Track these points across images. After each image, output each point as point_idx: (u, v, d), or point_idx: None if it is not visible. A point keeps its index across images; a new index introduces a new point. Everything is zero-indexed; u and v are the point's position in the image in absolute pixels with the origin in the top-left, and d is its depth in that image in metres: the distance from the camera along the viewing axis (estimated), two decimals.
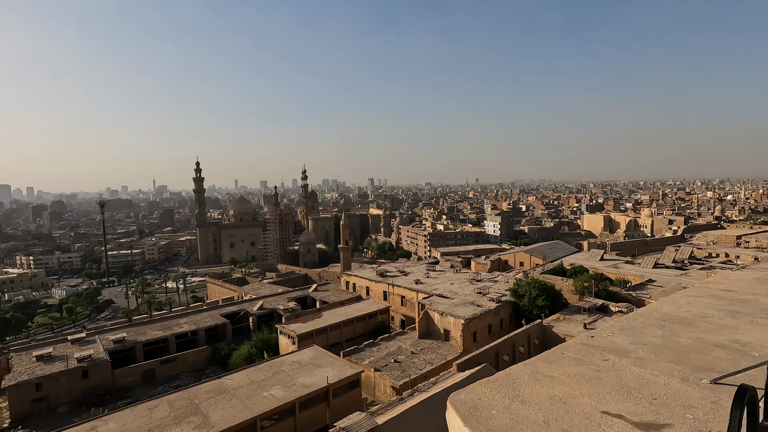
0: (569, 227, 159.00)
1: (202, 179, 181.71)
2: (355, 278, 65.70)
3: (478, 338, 44.10)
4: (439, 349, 43.31)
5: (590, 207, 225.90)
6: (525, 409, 1.78)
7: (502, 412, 1.71)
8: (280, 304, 58.00)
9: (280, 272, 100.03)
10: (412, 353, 42.27)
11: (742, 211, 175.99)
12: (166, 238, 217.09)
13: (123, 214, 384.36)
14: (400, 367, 39.09)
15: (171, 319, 55.12)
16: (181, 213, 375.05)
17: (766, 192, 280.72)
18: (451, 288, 55.52)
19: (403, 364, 39.54)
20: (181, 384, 41.80)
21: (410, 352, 42.52)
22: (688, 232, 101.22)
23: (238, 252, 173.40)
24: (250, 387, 30.69)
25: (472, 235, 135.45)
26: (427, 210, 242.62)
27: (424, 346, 44.07)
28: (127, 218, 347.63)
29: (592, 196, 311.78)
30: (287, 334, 46.54)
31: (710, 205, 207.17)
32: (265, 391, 30.02)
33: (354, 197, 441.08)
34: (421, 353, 42.34)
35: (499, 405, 1.76)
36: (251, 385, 30.95)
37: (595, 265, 64.23)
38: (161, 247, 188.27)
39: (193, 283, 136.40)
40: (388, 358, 40.84)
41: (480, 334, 44.55)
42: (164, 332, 49.48)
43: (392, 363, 39.74)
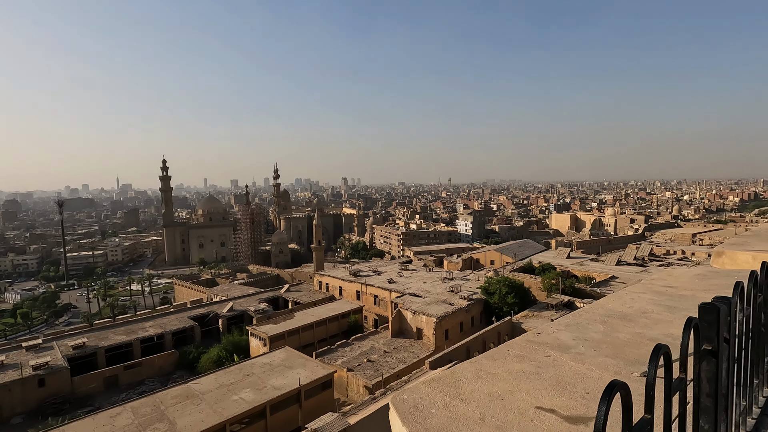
0: (538, 226, 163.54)
1: (169, 177, 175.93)
2: (328, 278, 65.30)
3: (450, 336, 44.72)
4: (412, 347, 43.65)
5: (558, 206, 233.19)
6: (464, 406, 1.82)
7: (441, 411, 1.75)
8: (251, 305, 56.93)
9: (252, 273, 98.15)
10: (385, 352, 42.41)
11: (698, 210, 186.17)
12: (130, 238, 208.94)
13: (84, 213, 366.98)
14: (373, 366, 39.15)
15: (136, 322, 53.12)
16: (147, 212, 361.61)
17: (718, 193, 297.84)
18: (423, 287, 56.04)
19: (376, 364, 39.62)
20: (147, 390, 40.32)
21: (383, 351, 42.66)
22: (649, 230, 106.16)
23: (208, 253, 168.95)
24: (220, 391, 29.99)
25: (445, 234, 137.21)
26: (401, 209, 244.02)
27: (397, 344, 44.31)
28: (88, 218, 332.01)
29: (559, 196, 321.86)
30: (258, 336, 45.76)
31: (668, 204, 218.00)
32: (235, 394, 29.41)
33: (327, 197, 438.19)
34: (394, 352, 42.56)
35: (440, 403, 1.80)
36: (220, 389, 30.25)
37: (562, 263, 66.36)
38: (125, 248, 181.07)
39: (160, 285, 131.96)
40: (361, 357, 40.83)
41: (452, 332, 45.20)
42: (128, 337, 47.63)
43: (365, 362, 39.76)
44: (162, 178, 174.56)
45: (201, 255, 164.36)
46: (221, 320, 53.64)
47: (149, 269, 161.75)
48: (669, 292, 3.90)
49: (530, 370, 2.16)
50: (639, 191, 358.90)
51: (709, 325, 1.56)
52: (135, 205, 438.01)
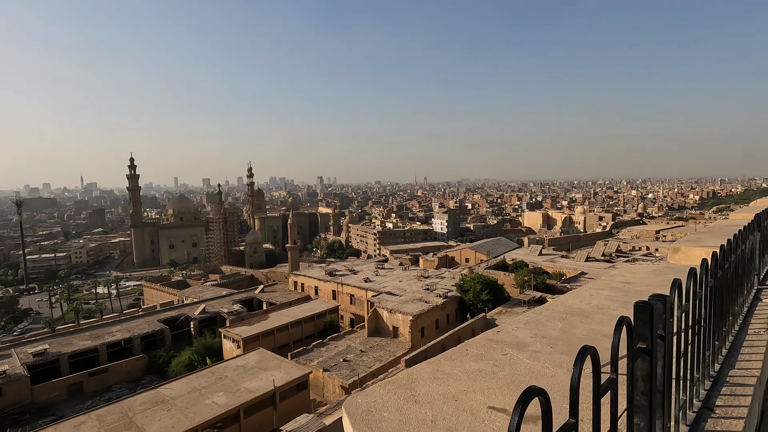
0: (511, 224, 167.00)
1: (137, 176, 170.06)
2: (303, 278, 64.65)
3: (426, 334, 45.11)
4: (388, 346, 43.78)
5: (530, 205, 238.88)
6: (417, 409, 1.81)
7: (393, 414, 1.74)
8: (224, 307, 55.73)
9: (225, 274, 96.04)
10: (361, 351, 42.38)
11: (661, 208, 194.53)
12: (96, 239, 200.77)
13: (45, 214, 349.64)
14: (350, 366, 39.05)
15: (101, 327, 51.10)
16: (114, 213, 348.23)
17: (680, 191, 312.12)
18: (399, 285, 56.28)
19: (352, 363, 39.53)
20: (114, 397, 38.90)
21: (359, 350, 42.61)
22: (616, 227, 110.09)
23: (179, 254, 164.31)
24: (191, 395, 29.23)
25: (421, 233, 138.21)
26: (377, 208, 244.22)
27: (373, 343, 44.35)
28: (50, 218, 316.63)
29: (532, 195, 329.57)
30: (231, 338, 44.86)
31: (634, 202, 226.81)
32: (207, 398, 28.74)
33: (303, 196, 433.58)
34: (371, 351, 42.58)
35: (393, 406, 1.79)
36: (192, 393, 29.49)
37: (534, 260, 68.00)
38: (90, 250, 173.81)
39: (128, 287, 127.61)
40: (337, 357, 40.66)
41: (428, 330, 45.60)
42: (93, 342, 45.75)
43: (341, 362, 39.61)
44: (129, 176, 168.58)
45: (172, 256, 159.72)
46: (193, 323, 52.28)
47: (116, 271, 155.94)
48: (626, 288, 4.05)
49: (486, 370, 2.18)
50: (607, 190, 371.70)
51: (643, 324, 1.60)
52: (101, 204, 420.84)
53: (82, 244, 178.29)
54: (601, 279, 4.62)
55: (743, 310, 3.94)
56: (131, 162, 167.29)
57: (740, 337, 3.46)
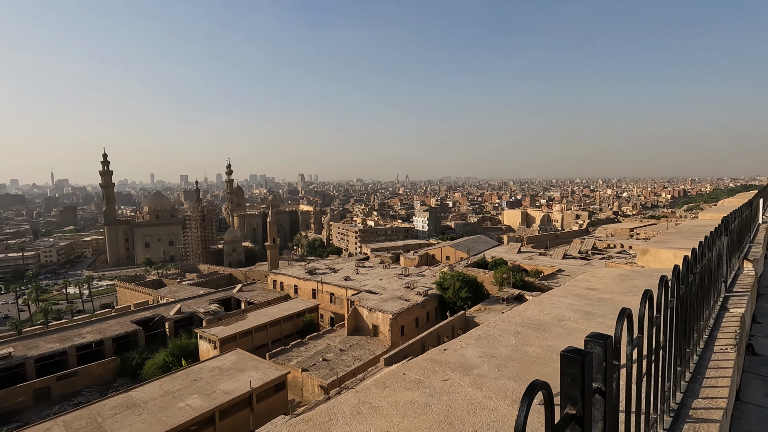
0: (491, 222, 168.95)
1: (110, 172, 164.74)
2: (282, 277, 63.82)
3: (406, 332, 45.12)
4: (368, 344, 43.61)
5: (510, 203, 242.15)
6: None
7: None
8: (201, 306, 54.53)
9: (202, 273, 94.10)
10: (341, 350, 42.08)
11: (635, 206, 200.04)
12: (67, 238, 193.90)
13: (12, 211, 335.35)
14: (329, 365, 38.71)
15: (71, 328, 49.27)
16: (87, 210, 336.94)
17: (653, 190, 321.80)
18: (380, 284, 56.14)
19: (331, 362, 39.20)
20: (84, 401, 37.51)
21: (339, 349, 42.31)
22: (592, 225, 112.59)
23: (155, 252, 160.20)
24: (164, 398, 28.41)
25: (402, 231, 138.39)
26: (359, 206, 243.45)
27: (353, 342, 44.11)
28: (17, 216, 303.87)
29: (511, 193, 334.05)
30: (208, 339, 43.90)
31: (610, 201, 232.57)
32: (181, 401, 27.99)
33: (283, 193, 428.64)
34: (350, 350, 42.33)
35: None
36: (165, 396, 28.67)
37: (513, 258, 68.85)
38: (61, 249, 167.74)
39: (101, 287, 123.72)
40: (317, 357, 40.26)
41: (408, 328, 45.62)
42: (62, 344, 44.06)
43: (320, 362, 39.23)
44: (103, 172, 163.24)
45: (147, 255, 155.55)
46: (168, 323, 50.95)
47: (89, 271, 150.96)
48: (590, 295, 3.93)
49: (420, 401, 1.95)
50: (584, 189, 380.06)
51: (572, 381, 1.20)
52: (73, 202, 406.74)
53: (52, 243, 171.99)
54: (566, 285, 4.50)
55: (709, 323, 3.72)
56: (104, 158, 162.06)
57: (705, 356, 3.18)
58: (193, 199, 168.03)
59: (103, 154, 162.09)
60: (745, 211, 5.95)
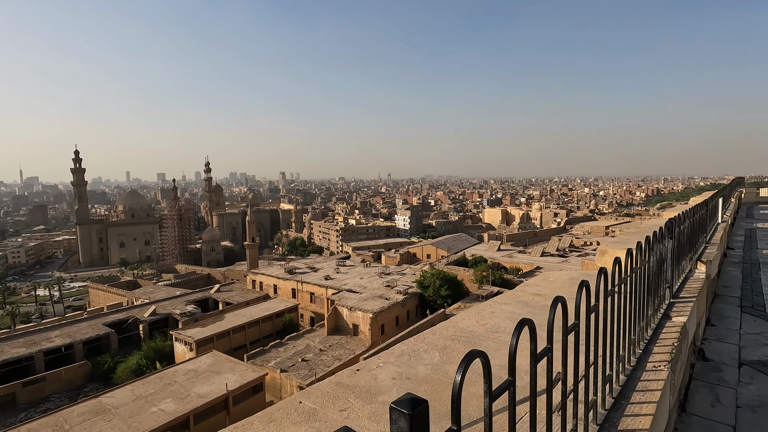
0: (472, 220, 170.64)
1: (82, 170, 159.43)
2: (262, 277, 62.93)
3: (386, 330, 45.08)
4: (348, 344, 43.40)
5: (491, 201, 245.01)
6: None
7: None
8: (177, 308, 53.26)
9: (179, 273, 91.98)
10: (320, 350, 41.76)
11: (611, 204, 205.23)
12: (36, 238, 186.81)
13: None
14: (308, 365, 38.36)
15: (39, 332, 47.39)
16: (58, 209, 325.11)
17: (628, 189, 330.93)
18: (360, 282, 55.94)
19: (310, 363, 38.85)
20: (52, 407, 36.14)
21: (318, 349, 41.97)
22: (569, 223, 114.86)
23: (130, 252, 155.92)
24: (136, 403, 27.59)
25: (384, 229, 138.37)
26: (341, 205, 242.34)
27: (333, 342, 43.84)
28: None
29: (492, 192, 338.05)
30: (183, 341, 42.93)
31: (587, 199, 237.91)
32: (154, 406, 27.23)
33: (264, 191, 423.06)
34: (330, 350, 42.05)
35: None
36: (137, 401, 27.85)
37: (493, 255, 69.59)
38: (30, 249, 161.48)
39: (73, 289, 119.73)
40: (296, 357, 39.83)
41: (388, 327, 45.58)
42: (29, 349, 42.32)
43: (299, 362, 38.84)
44: (74, 170, 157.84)
45: (122, 255, 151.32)
46: (142, 325, 49.57)
47: (60, 272, 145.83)
48: (534, 302, 3.84)
49: None
50: (562, 187, 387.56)
51: None
52: (43, 200, 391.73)
53: (20, 243, 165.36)
54: (514, 290, 4.42)
55: (646, 334, 3.35)
56: (76, 155, 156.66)
57: (635, 374, 2.78)
58: (170, 198, 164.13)
59: (75, 151, 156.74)
60: (700, 211, 5.99)
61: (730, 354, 4.09)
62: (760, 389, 3.58)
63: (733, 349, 4.22)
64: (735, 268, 8.63)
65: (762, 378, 3.73)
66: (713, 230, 8.28)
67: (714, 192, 10.89)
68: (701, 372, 3.81)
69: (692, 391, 3.49)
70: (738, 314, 5.53)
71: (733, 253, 10.21)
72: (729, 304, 6.01)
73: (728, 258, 9.60)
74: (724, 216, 10.33)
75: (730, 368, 3.84)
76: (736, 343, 4.37)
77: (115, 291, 72.42)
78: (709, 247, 6.53)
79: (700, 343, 4.28)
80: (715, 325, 4.95)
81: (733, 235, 13.81)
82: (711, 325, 4.93)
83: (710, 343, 4.42)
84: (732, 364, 3.89)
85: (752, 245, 11.65)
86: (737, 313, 5.60)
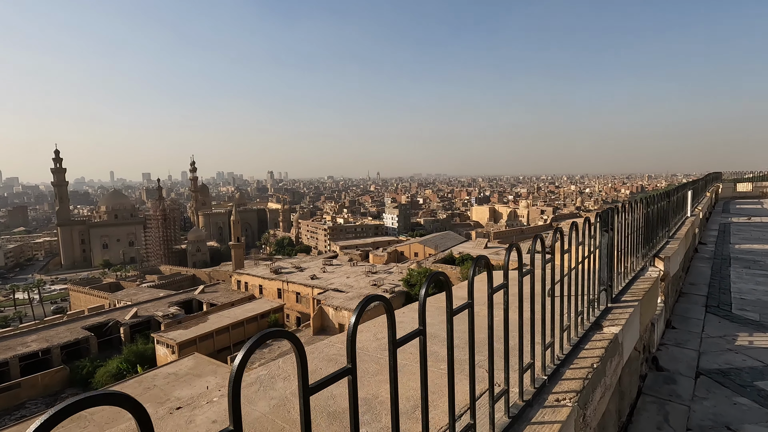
0: (460, 218, 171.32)
1: (63, 170, 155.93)
2: (247, 277, 62.17)
3: None
4: None
5: (479, 199, 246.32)
6: None
7: None
8: (159, 310, 52.28)
9: (164, 274, 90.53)
10: None
11: (597, 201, 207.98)
12: (16, 239, 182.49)
13: None
14: None
15: (14, 337, 46.05)
16: (39, 210, 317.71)
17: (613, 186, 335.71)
18: (347, 282, 55.57)
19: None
20: (27, 414, 35.19)
21: None
22: (555, 220, 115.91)
23: (113, 253, 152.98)
24: (113, 409, 26.73)
25: (372, 228, 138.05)
26: (329, 204, 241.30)
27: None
28: None
29: (480, 190, 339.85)
30: (165, 344, 42.08)
31: (573, 197, 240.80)
32: None
33: (252, 191, 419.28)
34: None
35: None
36: (114, 407, 27.09)
37: (480, 253, 69.43)
38: (9, 251, 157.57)
39: (54, 291, 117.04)
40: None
41: None
42: (3, 354, 41.09)
43: None
44: (54, 170, 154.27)
45: (105, 256, 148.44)
46: (123, 328, 48.54)
47: (41, 274, 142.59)
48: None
49: None
50: (549, 185, 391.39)
51: None
52: (23, 201, 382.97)
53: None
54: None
55: (560, 353, 2.80)
56: (56, 154, 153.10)
57: (526, 414, 2.22)
58: (155, 198, 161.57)
59: (55, 151, 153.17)
60: (659, 203, 5.72)
61: (687, 362, 3.80)
62: (716, 405, 3.24)
63: (692, 355, 3.94)
64: (705, 264, 8.51)
65: (719, 392, 3.41)
66: (680, 224, 8.07)
67: (682, 184, 10.75)
68: (652, 385, 3.50)
69: (639, 409, 3.17)
70: (702, 314, 5.29)
71: (706, 248, 10.14)
72: (694, 304, 5.81)
73: (699, 254, 9.50)
74: (695, 210, 10.14)
75: (685, 379, 3.51)
76: (695, 349, 4.10)
77: (96, 293, 70.87)
78: (671, 242, 6.29)
79: (656, 350, 4.02)
80: (676, 328, 4.71)
81: (707, 230, 13.80)
82: (672, 327, 4.69)
83: (668, 349, 4.15)
84: (688, 374, 3.57)
85: (725, 240, 11.60)
86: (701, 313, 5.36)
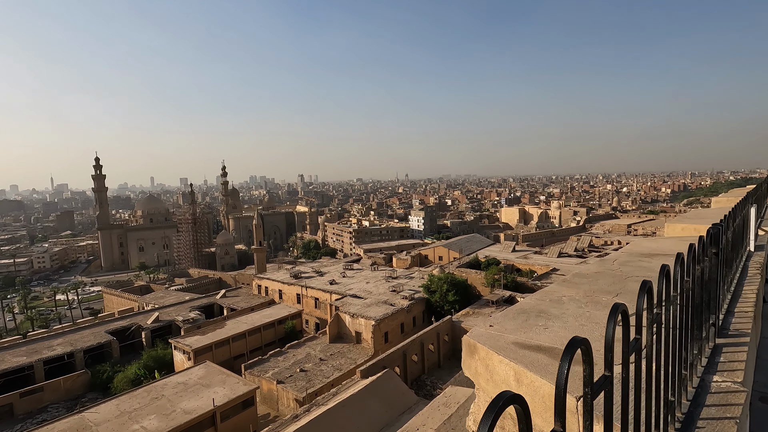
0: (489, 220, 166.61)
1: (103, 176, 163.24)
2: (267, 281, 61.77)
3: (391, 338, 43.01)
4: (350, 353, 41.52)
5: (509, 200, 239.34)
6: None
7: None
8: (180, 314, 52.52)
9: (192, 277, 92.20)
10: (320, 360, 40.00)
11: (635, 201, 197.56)
12: (62, 243, 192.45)
13: (11, 217, 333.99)
14: (306, 376, 36.65)
15: (42, 340, 47.27)
16: (85, 214, 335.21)
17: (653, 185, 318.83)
18: (366, 287, 54.06)
19: (309, 374, 37.13)
20: (49, 418, 35.58)
21: (319, 358, 40.22)
22: (589, 222, 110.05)
23: (149, 256, 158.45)
24: (119, 420, 26.37)
25: (397, 231, 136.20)
26: (357, 206, 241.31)
27: (335, 350, 42.03)
28: (15, 222, 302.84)
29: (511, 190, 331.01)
30: (182, 350, 41.87)
31: (609, 196, 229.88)
32: (137, 423, 25.95)
33: (283, 194, 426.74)
34: (331, 359, 40.25)
35: None
36: (120, 418, 26.63)
37: (507, 257, 66.56)
38: (55, 254, 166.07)
39: (92, 293, 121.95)
40: (294, 367, 38.18)
41: (392, 334, 43.51)
42: (29, 357, 42.06)
43: (298, 372, 37.17)
44: (95, 177, 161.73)
45: (141, 259, 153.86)
46: (144, 333, 48.95)
47: (83, 276, 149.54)
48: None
49: None
50: (583, 184, 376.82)
51: None
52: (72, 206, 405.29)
53: (45, 249, 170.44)
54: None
55: None
56: (96, 161, 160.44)
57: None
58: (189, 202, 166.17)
59: (96, 158, 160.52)
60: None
61: None
62: None
63: None
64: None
65: None
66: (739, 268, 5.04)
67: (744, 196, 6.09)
68: None
69: None
70: None
71: None
72: None
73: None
74: (759, 233, 6.45)
75: None
76: None
77: (126, 296, 72.64)
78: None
79: None
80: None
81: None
82: None
83: None
84: None
85: None
86: None
